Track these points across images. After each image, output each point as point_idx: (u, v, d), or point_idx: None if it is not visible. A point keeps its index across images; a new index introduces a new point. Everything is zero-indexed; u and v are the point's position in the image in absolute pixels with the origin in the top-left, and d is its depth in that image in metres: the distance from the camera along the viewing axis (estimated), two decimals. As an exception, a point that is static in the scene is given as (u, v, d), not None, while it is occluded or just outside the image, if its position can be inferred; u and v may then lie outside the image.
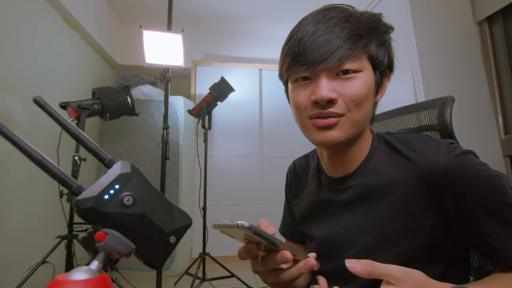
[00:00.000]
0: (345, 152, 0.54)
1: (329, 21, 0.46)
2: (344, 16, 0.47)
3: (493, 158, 1.56)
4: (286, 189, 0.74)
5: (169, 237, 0.36)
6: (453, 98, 0.60)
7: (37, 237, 1.78)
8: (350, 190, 0.54)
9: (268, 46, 3.35)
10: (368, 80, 0.48)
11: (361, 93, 0.46)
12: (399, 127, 0.72)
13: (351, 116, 0.47)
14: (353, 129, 0.48)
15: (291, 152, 2.85)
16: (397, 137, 0.54)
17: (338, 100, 0.46)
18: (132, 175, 0.34)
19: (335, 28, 0.45)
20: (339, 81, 0.47)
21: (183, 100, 2.66)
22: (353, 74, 0.46)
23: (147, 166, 2.50)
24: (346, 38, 0.45)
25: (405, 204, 0.48)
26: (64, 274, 0.27)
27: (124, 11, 2.92)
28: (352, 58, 0.45)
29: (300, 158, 0.73)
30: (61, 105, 1.59)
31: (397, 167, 0.50)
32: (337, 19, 0.46)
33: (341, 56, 0.44)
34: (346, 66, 0.46)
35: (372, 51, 0.48)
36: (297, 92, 0.50)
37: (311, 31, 0.46)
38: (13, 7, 1.64)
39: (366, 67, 0.48)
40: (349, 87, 0.46)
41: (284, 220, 0.74)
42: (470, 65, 1.67)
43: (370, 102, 0.49)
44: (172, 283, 2.21)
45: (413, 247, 0.48)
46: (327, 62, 0.44)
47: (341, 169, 0.56)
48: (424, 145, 0.49)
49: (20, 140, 0.30)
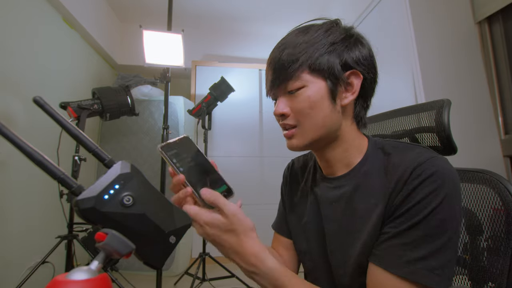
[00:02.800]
0: (327, 152, 0.59)
1: (274, 52, 0.56)
2: (283, 48, 0.55)
3: (493, 158, 1.56)
4: (282, 185, 0.77)
5: (169, 237, 0.36)
6: (450, 101, 0.61)
7: (37, 237, 1.78)
8: (340, 189, 0.58)
9: (268, 46, 3.34)
10: (311, 93, 0.53)
11: (304, 106, 0.53)
12: (398, 128, 0.72)
13: (303, 126, 0.55)
14: (309, 135, 0.55)
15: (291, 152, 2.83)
16: (394, 145, 0.56)
17: (291, 114, 0.55)
18: (132, 175, 0.34)
19: (275, 59, 0.55)
20: (290, 98, 0.55)
21: (183, 100, 2.66)
22: (297, 91, 0.54)
23: (147, 166, 2.50)
24: (282, 67, 0.54)
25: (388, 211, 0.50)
26: (64, 274, 0.27)
27: (124, 11, 2.92)
28: (290, 80, 0.53)
29: (299, 157, 0.77)
30: (61, 105, 1.59)
31: (387, 175, 0.52)
32: (279, 50, 0.55)
33: (280, 82, 0.55)
34: (288, 88, 0.54)
35: (312, 66, 0.52)
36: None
37: (267, 63, 0.58)
38: (13, 7, 1.64)
39: (309, 81, 0.53)
40: (295, 102, 0.54)
41: (277, 216, 0.77)
42: (470, 65, 1.67)
43: (319, 111, 0.53)
44: (172, 283, 2.21)
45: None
46: (272, 90, 0.57)
47: (332, 168, 0.60)
48: (413, 152, 0.51)
49: (20, 140, 0.30)
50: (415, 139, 0.68)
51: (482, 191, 0.57)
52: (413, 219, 0.45)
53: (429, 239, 0.44)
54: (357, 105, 0.58)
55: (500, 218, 0.54)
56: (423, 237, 0.44)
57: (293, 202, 0.71)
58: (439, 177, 0.45)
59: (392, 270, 0.44)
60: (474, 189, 0.59)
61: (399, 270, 0.44)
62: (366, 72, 0.55)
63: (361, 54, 0.55)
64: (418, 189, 0.46)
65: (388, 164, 0.52)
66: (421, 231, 0.44)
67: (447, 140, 0.60)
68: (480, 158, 1.53)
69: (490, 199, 0.56)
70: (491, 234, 0.55)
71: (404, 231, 0.45)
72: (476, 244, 0.58)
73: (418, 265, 0.43)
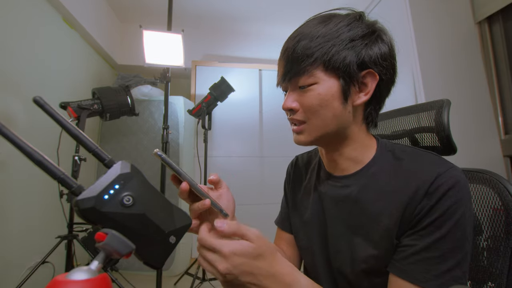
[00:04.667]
0: (337, 150, 0.57)
1: (289, 42, 0.54)
2: (298, 38, 0.52)
3: (493, 158, 1.56)
4: (285, 182, 0.77)
5: (169, 237, 0.36)
6: (450, 102, 0.61)
7: (37, 237, 1.77)
8: (347, 188, 0.57)
9: (268, 46, 3.35)
10: (321, 91, 0.51)
11: (313, 103, 0.52)
12: (398, 128, 0.72)
13: (311, 123, 0.54)
14: (317, 133, 0.54)
15: (291, 152, 2.84)
16: (403, 149, 0.56)
17: (299, 109, 0.54)
18: (132, 175, 0.34)
19: (289, 50, 0.53)
20: (300, 93, 0.53)
21: (183, 100, 2.66)
22: (308, 87, 0.52)
23: (147, 166, 2.50)
24: (295, 60, 0.51)
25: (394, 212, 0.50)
26: (64, 274, 0.27)
27: (124, 11, 2.92)
28: (303, 75, 0.51)
29: (303, 154, 0.76)
30: (61, 105, 1.59)
31: (398, 178, 0.51)
32: (294, 41, 0.52)
33: (291, 77, 0.53)
34: (299, 83, 0.53)
35: (327, 63, 0.50)
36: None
37: (281, 52, 0.55)
38: (13, 7, 1.64)
39: (322, 79, 0.51)
40: (305, 98, 0.53)
41: (280, 212, 0.77)
42: (470, 65, 1.67)
43: (329, 110, 0.52)
44: (172, 283, 2.21)
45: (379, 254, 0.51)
46: (284, 83, 0.55)
47: (338, 166, 0.59)
48: (428, 160, 0.51)
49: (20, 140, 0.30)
50: (415, 139, 0.68)
51: (481, 191, 0.58)
52: (438, 232, 0.45)
53: (455, 251, 0.44)
54: (370, 106, 0.55)
55: (500, 218, 0.54)
56: (450, 249, 0.44)
57: (297, 198, 0.71)
58: (461, 188, 0.46)
59: (420, 284, 0.44)
60: (474, 189, 0.59)
61: (427, 284, 0.44)
62: (383, 73, 0.52)
63: (380, 52, 0.52)
64: (442, 201, 0.45)
65: (399, 169, 0.52)
66: (447, 244, 0.44)
67: (447, 140, 0.60)
68: (480, 158, 1.53)
69: (490, 199, 0.56)
70: (491, 234, 0.55)
71: (431, 244, 0.45)
72: (475, 244, 0.58)
73: (446, 277, 0.43)
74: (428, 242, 0.45)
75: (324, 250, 0.60)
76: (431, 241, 0.45)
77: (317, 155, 0.70)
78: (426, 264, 0.45)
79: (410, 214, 0.48)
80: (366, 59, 0.51)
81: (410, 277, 0.45)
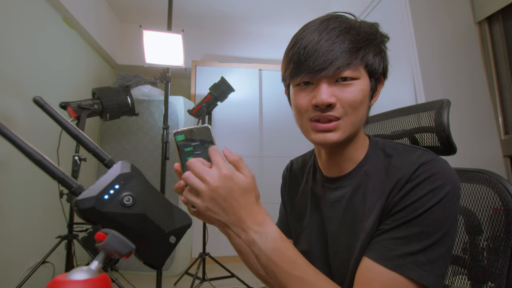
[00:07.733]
0: (342, 151, 0.57)
1: (331, 31, 0.50)
2: (345, 27, 0.50)
3: (493, 158, 1.56)
4: (281, 187, 0.77)
5: (169, 237, 0.36)
6: (449, 102, 0.61)
7: (37, 237, 1.78)
8: (341, 189, 0.58)
9: (268, 46, 3.34)
10: (364, 87, 0.51)
11: (358, 98, 0.50)
12: (398, 128, 0.72)
13: (348, 119, 0.51)
14: (350, 130, 0.52)
15: (291, 152, 2.85)
16: (394, 147, 0.57)
17: (337, 104, 0.50)
18: (132, 175, 0.34)
19: (337, 39, 0.49)
20: (338, 87, 0.50)
21: (183, 100, 2.66)
22: (350, 81, 0.50)
23: (147, 166, 2.50)
24: (346, 49, 0.49)
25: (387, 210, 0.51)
26: (64, 274, 0.27)
27: (124, 11, 2.92)
28: (350, 67, 0.49)
29: (297, 158, 0.76)
30: (61, 105, 1.59)
31: (387, 175, 0.52)
32: (339, 30, 0.49)
33: (340, 65, 0.48)
34: (344, 74, 0.49)
35: (369, 61, 0.51)
36: (298, 95, 0.53)
37: (315, 40, 0.49)
38: (14, 7, 1.64)
39: (362, 75, 0.51)
40: (347, 92, 0.50)
41: (279, 220, 0.78)
42: (470, 65, 1.67)
43: (365, 106, 0.53)
44: (172, 283, 2.21)
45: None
46: (327, 71, 0.48)
47: (337, 168, 0.59)
48: (414, 154, 0.51)
49: (20, 140, 0.30)
50: (414, 139, 0.68)
51: (481, 191, 0.58)
52: (408, 216, 0.45)
53: (422, 236, 0.44)
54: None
55: (500, 218, 0.54)
56: (417, 234, 0.45)
57: (294, 203, 0.71)
58: (439, 178, 0.46)
59: (382, 263, 0.45)
60: (474, 189, 0.59)
61: (389, 263, 0.44)
62: (385, 81, 0.58)
63: (387, 63, 0.56)
64: (417, 188, 0.46)
65: (389, 166, 0.53)
66: (415, 228, 0.45)
67: (447, 140, 0.60)
68: (480, 158, 1.53)
69: (490, 199, 0.56)
70: (491, 234, 0.55)
71: (398, 226, 0.46)
72: (475, 244, 0.58)
73: (407, 259, 0.44)
74: (396, 224, 0.46)
75: (324, 253, 0.60)
76: (399, 223, 0.46)
77: (311, 157, 0.70)
78: (390, 244, 0.46)
79: (389, 202, 0.49)
80: (385, 64, 0.55)
81: (373, 255, 0.46)
